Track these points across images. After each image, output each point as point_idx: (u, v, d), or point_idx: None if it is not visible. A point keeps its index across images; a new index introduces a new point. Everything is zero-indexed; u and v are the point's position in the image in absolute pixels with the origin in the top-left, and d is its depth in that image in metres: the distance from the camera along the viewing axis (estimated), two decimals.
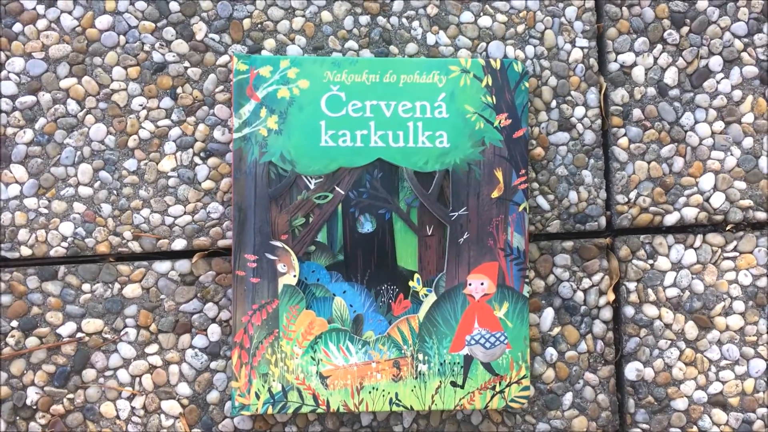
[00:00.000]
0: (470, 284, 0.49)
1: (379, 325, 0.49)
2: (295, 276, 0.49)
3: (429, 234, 0.49)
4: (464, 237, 0.49)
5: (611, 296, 0.52)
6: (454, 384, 0.49)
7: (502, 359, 0.49)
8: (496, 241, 0.49)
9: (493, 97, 0.49)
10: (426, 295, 0.49)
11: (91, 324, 0.50)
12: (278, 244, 0.49)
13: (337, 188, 0.49)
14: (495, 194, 0.49)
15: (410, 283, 0.49)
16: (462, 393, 0.49)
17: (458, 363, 0.49)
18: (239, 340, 0.48)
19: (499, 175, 0.49)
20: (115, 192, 0.50)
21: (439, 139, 0.49)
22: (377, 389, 0.49)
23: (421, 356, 0.49)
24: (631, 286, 0.52)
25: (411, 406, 0.49)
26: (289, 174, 0.49)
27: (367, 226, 0.49)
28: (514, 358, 0.49)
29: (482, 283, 0.49)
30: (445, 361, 0.49)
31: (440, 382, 0.49)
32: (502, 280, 0.49)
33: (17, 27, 0.50)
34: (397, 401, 0.49)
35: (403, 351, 0.49)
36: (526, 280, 0.49)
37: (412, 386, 0.49)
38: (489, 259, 0.49)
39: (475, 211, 0.49)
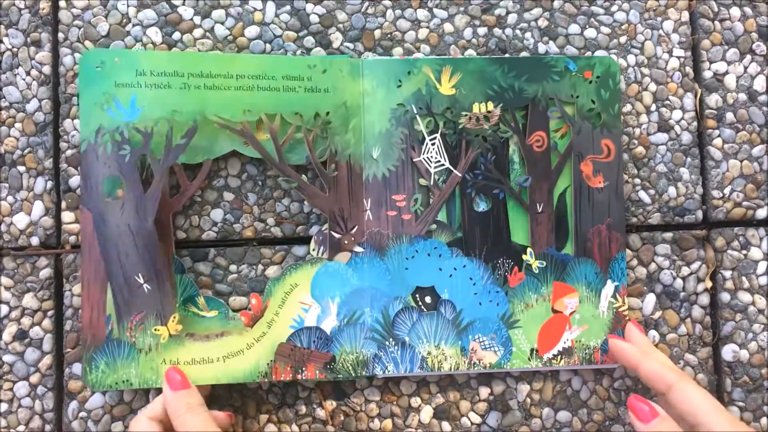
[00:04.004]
0: None
1: (496, 297, 0.54)
2: None
3: (539, 211, 0.55)
4: None
5: (708, 283, 0.57)
6: None
7: None
8: None
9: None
10: (539, 268, 0.54)
11: (237, 301, 0.55)
12: None
13: (455, 171, 0.54)
14: None
15: (523, 257, 0.54)
16: None
17: None
18: None
19: None
20: (259, 183, 0.56)
21: None
22: None
23: None
24: (727, 274, 0.57)
25: None
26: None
27: (482, 205, 0.55)
28: None
29: None
30: None
31: None
32: None
33: (176, 35, 0.56)
34: None
35: None
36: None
37: None
38: None
39: None
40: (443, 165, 0.54)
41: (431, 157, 0.54)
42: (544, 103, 0.55)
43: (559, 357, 0.54)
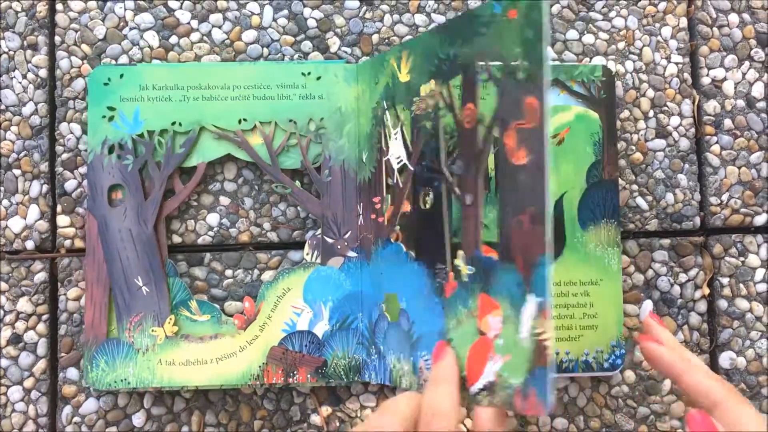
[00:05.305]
0: None
1: (435, 308, 0.44)
2: None
3: (468, 204, 0.42)
4: None
5: (706, 290, 0.56)
6: None
7: None
8: None
9: None
10: (468, 275, 0.41)
11: (233, 306, 0.55)
12: None
13: (408, 164, 0.48)
14: None
15: (455, 262, 0.43)
16: None
17: None
18: None
19: None
20: (256, 187, 0.56)
21: None
22: None
23: None
24: (724, 281, 0.57)
25: None
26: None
27: (428, 200, 0.46)
28: None
29: None
30: None
31: None
32: None
33: (173, 39, 0.56)
34: None
35: None
36: None
37: None
38: None
39: None
40: (402, 161, 0.49)
41: (394, 153, 0.50)
42: (473, 67, 0.42)
43: (484, 393, 0.38)
